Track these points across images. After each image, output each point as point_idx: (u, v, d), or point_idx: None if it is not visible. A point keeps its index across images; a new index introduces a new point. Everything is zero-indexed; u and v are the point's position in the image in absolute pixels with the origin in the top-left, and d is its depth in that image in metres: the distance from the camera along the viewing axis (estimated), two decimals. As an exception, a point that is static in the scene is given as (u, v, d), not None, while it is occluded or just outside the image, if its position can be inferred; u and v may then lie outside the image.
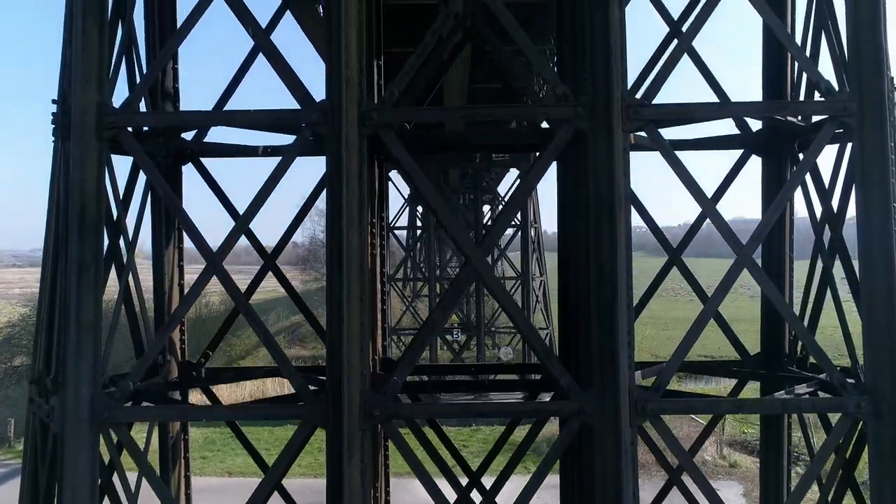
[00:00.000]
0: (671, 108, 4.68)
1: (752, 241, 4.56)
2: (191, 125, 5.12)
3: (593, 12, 4.59)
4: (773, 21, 4.77)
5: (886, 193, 4.56)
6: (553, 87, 4.71)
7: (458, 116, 4.69)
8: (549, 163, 4.69)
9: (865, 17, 4.61)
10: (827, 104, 4.62)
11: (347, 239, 4.51)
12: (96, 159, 4.64)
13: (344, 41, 4.58)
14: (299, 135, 4.73)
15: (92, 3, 4.66)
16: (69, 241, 4.54)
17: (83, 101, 4.63)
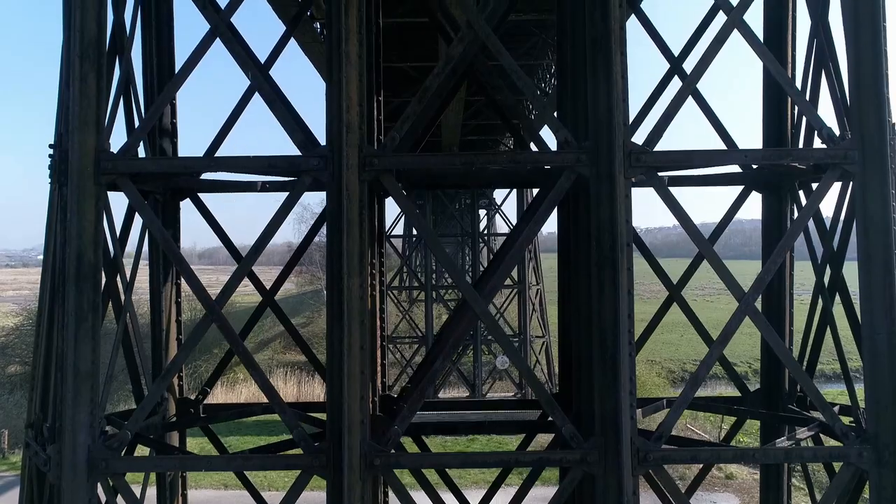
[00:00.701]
0: (673, 155, 4.66)
1: (753, 290, 4.55)
2: (189, 171, 5.08)
3: (595, 58, 4.57)
4: (774, 66, 4.76)
5: (888, 242, 4.55)
6: (555, 131, 4.69)
7: (459, 163, 4.64)
8: (551, 211, 4.67)
9: (867, 64, 4.60)
10: (829, 151, 4.61)
11: (348, 287, 4.48)
12: (94, 206, 4.59)
13: (345, 85, 4.55)
14: (299, 180, 4.69)
15: (89, 47, 4.62)
16: (66, 290, 4.49)
17: (81, 147, 4.58)
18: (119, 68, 5.28)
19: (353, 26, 4.60)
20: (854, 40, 4.67)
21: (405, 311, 28.39)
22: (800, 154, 4.77)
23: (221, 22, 4.73)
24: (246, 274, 4.95)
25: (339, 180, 4.53)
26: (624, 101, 4.59)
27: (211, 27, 4.72)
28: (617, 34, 4.56)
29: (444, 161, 5.04)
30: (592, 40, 4.59)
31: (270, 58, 5.97)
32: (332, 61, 4.58)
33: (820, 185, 4.63)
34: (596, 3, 4.58)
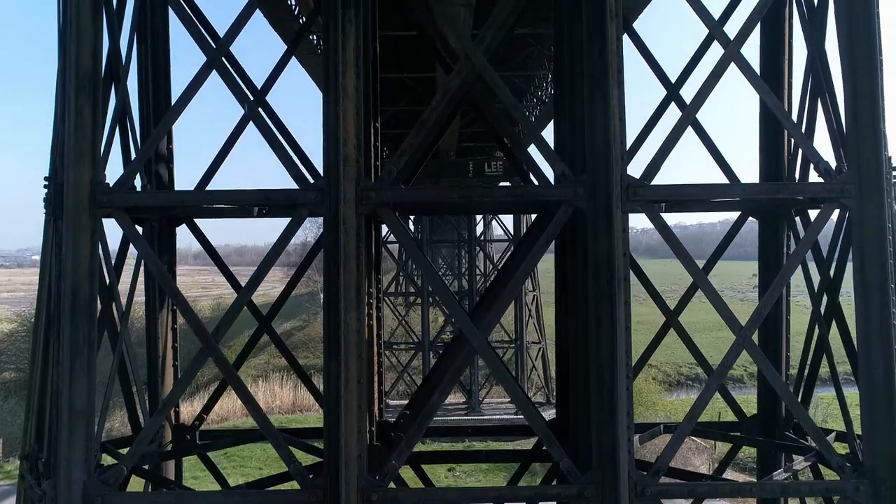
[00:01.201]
0: (671, 189, 4.67)
1: (751, 324, 4.55)
2: (185, 205, 5.06)
3: (593, 92, 4.57)
4: (770, 99, 4.77)
5: (885, 276, 4.56)
6: (552, 164, 4.69)
7: (457, 197, 4.63)
8: (549, 244, 4.67)
9: (864, 98, 4.61)
10: (826, 186, 4.62)
11: (345, 321, 4.46)
12: (89, 239, 4.56)
13: (342, 119, 4.54)
14: (296, 213, 4.68)
15: (85, 79, 4.59)
16: (61, 324, 4.46)
17: (76, 180, 4.55)
18: (115, 95, 5.26)
19: (351, 59, 4.59)
20: (851, 74, 4.68)
21: (401, 317, 28.36)
22: (797, 189, 4.78)
23: (218, 54, 4.72)
24: (245, 304, 4.93)
25: (336, 214, 4.51)
26: (621, 135, 4.59)
27: (208, 59, 4.70)
28: (614, 69, 4.56)
29: (441, 195, 5.03)
30: (590, 75, 4.59)
31: (269, 81, 5.94)
32: (329, 94, 4.57)
33: (817, 218, 4.64)
34: (594, 38, 4.58)
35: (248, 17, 4.91)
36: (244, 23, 4.91)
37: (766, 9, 4.82)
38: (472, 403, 25.37)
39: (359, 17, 4.65)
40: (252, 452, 23.35)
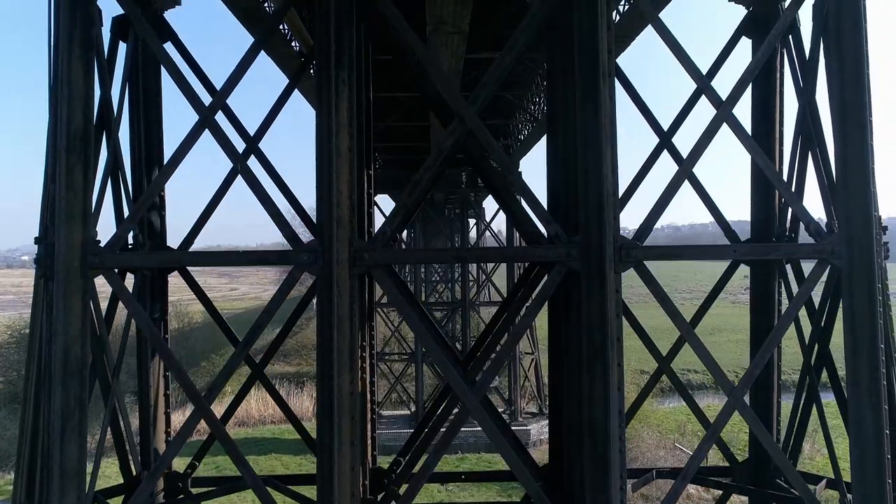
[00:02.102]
0: (664, 250, 4.69)
1: (742, 385, 4.58)
2: (178, 265, 5.04)
3: (586, 151, 4.58)
4: (762, 160, 4.79)
5: (874, 335, 4.59)
6: (545, 225, 4.70)
7: (451, 256, 4.63)
8: (542, 304, 4.68)
9: (855, 160, 4.64)
10: (816, 247, 4.66)
11: (339, 385, 4.46)
12: (80, 300, 4.54)
13: (335, 180, 4.53)
14: (289, 274, 4.67)
15: (76, 139, 4.57)
16: (53, 388, 4.43)
17: (67, 241, 4.53)
18: (106, 146, 5.24)
19: (344, 120, 4.58)
20: (841, 134, 4.71)
21: (395, 329, 28.32)
22: (787, 250, 4.81)
23: (210, 112, 4.70)
24: (242, 359, 4.91)
25: (329, 275, 4.51)
26: (614, 195, 4.61)
27: (200, 119, 4.68)
28: (607, 130, 4.58)
29: (435, 255, 5.03)
30: (583, 135, 4.60)
31: (263, 125, 5.93)
32: (322, 155, 4.56)
33: (808, 278, 4.67)
34: (587, 98, 4.59)
35: (246, 69, 4.90)
36: (241, 76, 4.90)
37: (757, 70, 4.86)
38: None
39: (352, 77, 4.65)
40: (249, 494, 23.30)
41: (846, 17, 4.71)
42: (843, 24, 4.71)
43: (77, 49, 4.66)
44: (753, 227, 6.00)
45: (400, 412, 27.93)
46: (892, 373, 4.74)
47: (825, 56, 4.96)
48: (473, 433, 23.94)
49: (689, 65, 4.84)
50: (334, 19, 4.59)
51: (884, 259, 4.72)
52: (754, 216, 5.90)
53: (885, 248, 4.74)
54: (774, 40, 4.96)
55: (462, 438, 23.93)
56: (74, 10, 4.65)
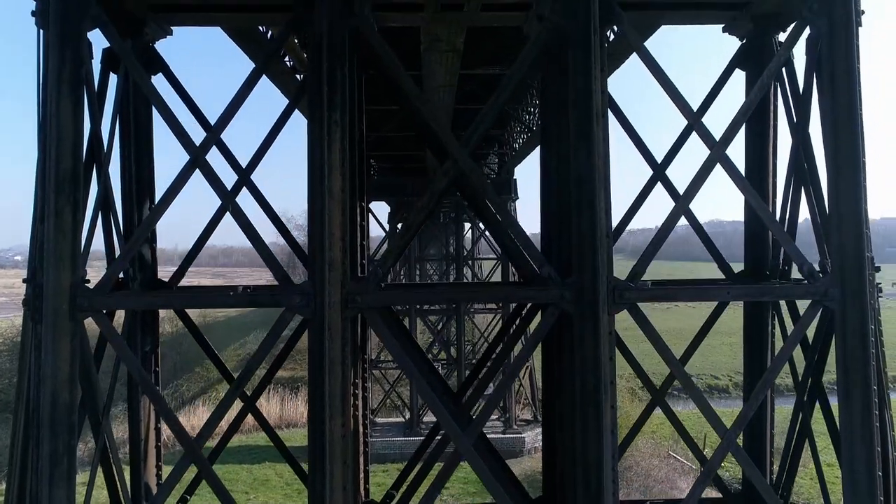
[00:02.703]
0: (658, 291, 4.68)
1: (735, 427, 4.58)
2: (168, 307, 4.99)
3: (580, 196, 4.56)
4: (756, 201, 4.79)
5: (867, 377, 4.59)
6: (538, 267, 4.68)
7: (444, 298, 4.61)
8: (535, 346, 4.66)
9: (848, 201, 4.64)
10: (809, 288, 4.66)
11: (331, 429, 4.43)
12: (69, 344, 4.49)
13: (327, 222, 4.50)
14: (281, 316, 4.63)
15: (65, 181, 4.52)
16: (41, 434, 4.38)
17: (56, 284, 4.48)
18: (97, 180, 5.19)
19: (336, 161, 4.55)
20: (835, 176, 4.71)
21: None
22: (781, 292, 4.81)
23: (201, 152, 4.66)
24: (235, 398, 4.87)
25: (321, 318, 4.48)
26: (608, 237, 4.59)
27: (191, 159, 4.64)
28: (601, 171, 4.56)
29: (428, 296, 5.00)
30: (577, 176, 4.59)
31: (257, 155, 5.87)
32: (315, 196, 4.53)
33: (801, 321, 4.67)
34: (580, 140, 4.57)
35: (239, 104, 4.86)
36: (234, 112, 4.86)
37: (750, 111, 4.85)
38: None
39: (344, 117, 4.62)
40: (238, 475, 23.21)
41: (839, 58, 4.72)
42: (836, 66, 4.72)
43: (66, 88, 4.61)
44: (747, 257, 5.99)
45: (394, 419, 27.88)
46: (885, 414, 4.74)
47: (818, 94, 4.96)
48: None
49: (680, 101, 4.83)
50: (327, 59, 4.56)
51: (877, 300, 4.72)
52: (748, 249, 5.90)
53: (877, 289, 4.74)
54: (768, 80, 4.96)
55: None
56: (64, 48, 4.60)
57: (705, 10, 5.74)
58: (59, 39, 4.58)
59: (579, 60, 4.62)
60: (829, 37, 4.75)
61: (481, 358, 5.98)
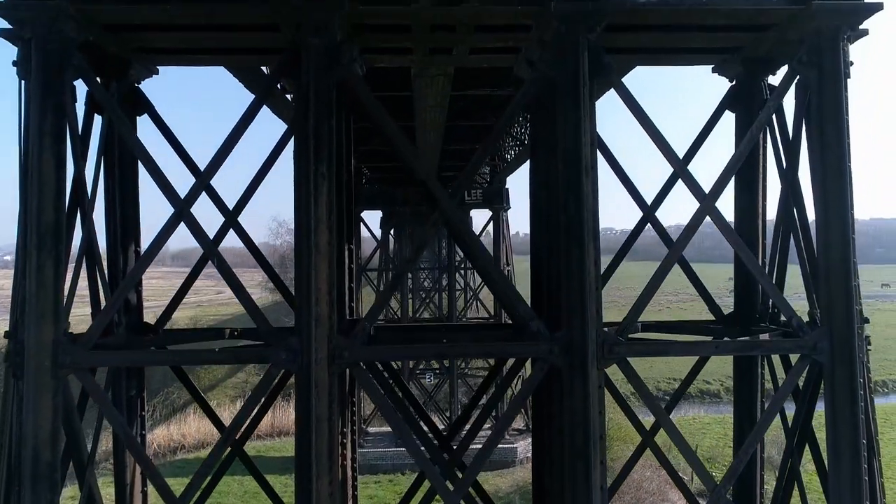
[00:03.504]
0: (647, 347, 4.65)
1: (725, 481, 4.57)
2: (153, 363, 4.93)
3: (570, 247, 4.53)
4: (745, 254, 4.78)
5: (856, 432, 4.59)
6: (528, 321, 4.65)
7: (432, 354, 4.57)
8: (524, 401, 4.62)
9: (836, 255, 4.63)
10: (798, 342, 4.65)
11: (317, 489, 4.38)
12: (51, 401, 4.42)
13: (314, 278, 4.45)
14: (268, 372, 4.58)
15: (47, 235, 4.46)
16: (22, 493, 4.31)
17: (38, 340, 4.41)
18: (81, 226, 5.11)
19: (323, 215, 4.51)
20: (824, 229, 4.70)
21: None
22: (771, 346, 4.80)
23: (186, 206, 4.60)
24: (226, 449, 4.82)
25: (307, 374, 4.43)
26: (597, 290, 4.57)
27: (176, 211, 4.58)
28: (590, 224, 4.54)
29: (417, 352, 4.96)
30: (566, 230, 4.56)
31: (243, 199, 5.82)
32: (301, 252, 4.48)
33: (788, 377, 4.66)
34: (569, 193, 4.55)
35: (228, 151, 4.80)
36: (222, 160, 4.81)
37: (739, 163, 4.84)
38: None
39: (331, 168, 4.57)
40: (229, 487, 23.05)
41: (828, 111, 4.71)
42: (825, 118, 4.72)
43: (48, 140, 4.54)
44: (737, 298, 5.97)
45: (386, 429, 27.76)
46: (875, 467, 4.73)
47: (808, 143, 4.95)
48: (460, 451, 23.86)
49: (667, 150, 4.81)
50: (313, 112, 4.51)
51: (865, 353, 4.71)
52: (737, 290, 5.88)
53: (866, 342, 4.73)
54: (757, 132, 4.95)
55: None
56: (45, 100, 4.52)
57: (695, 53, 5.73)
58: (40, 91, 4.50)
59: (569, 112, 4.59)
60: (819, 88, 4.74)
61: (473, 396, 5.94)
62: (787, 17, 4.71)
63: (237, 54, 5.66)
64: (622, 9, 4.60)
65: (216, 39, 5.21)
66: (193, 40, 5.24)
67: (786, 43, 5.06)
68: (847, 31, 4.67)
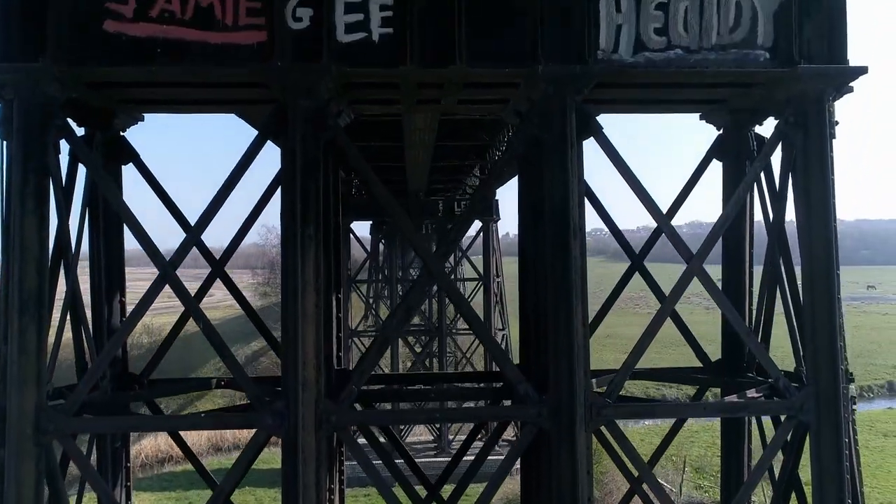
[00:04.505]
0: (635, 408, 4.67)
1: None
2: (142, 429, 4.88)
3: (558, 312, 4.53)
4: (732, 315, 4.81)
5: (842, 495, 4.62)
6: (516, 384, 4.64)
7: (422, 418, 4.56)
8: (513, 463, 4.63)
9: (822, 318, 4.67)
10: (785, 404, 4.68)
11: (304, 547, 4.35)
12: (34, 468, 4.36)
13: (300, 342, 4.42)
14: (254, 437, 4.54)
15: (29, 300, 4.39)
16: (3, 565, 4.25)
17: (20, 407, 4.35)
18: (65, 279, 5.06)
19: (310, 277, 4.48)
20: (810, 290, 4.74)
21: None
22: (757, 408, 4.83)
23: (172, 268, 4.55)
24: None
25: (294, 439, 4.40)
26: (585, 349, 4.57)
27: (160, 275, 4.54)
28: (578, 286, 4.54)
29: (407, 416, 4.95)
30: (554, 290, 4.56)
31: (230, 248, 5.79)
32: (288, 316, 4.45)
33: (775, 437, 4.69)
34: (557, 255, 4.54)
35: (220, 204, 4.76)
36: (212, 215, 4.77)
37: (728, 223, 4.86)
38: (442, 444, 25.26)
39: (318, 232, 4.54)
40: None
41: (814, 171, 4.75)
42: (811, 179, 4.75)
43: (31, 202, 4.47)
44: (724, 347, 6.00)
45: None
46: (860, 527, 4.77)
47: (794, 201, 4.98)
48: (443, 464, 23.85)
49: (652, 208, 4.82)
50: (300, 174, 4.48)
51: (850, 413, 4.75)
52: (725, 338, 5.91)
53: (851, 402, 4.77)
54: (744, 193, 4.99)
55: (437, 469, 23.86)
56: (28, 162, 4.46)
57: (682, 104, 5.76)
58: (23, 153, 4.44)
59: (556, 173, 4.59)
60: (804, 149, 4.77)
61: (462, 446, 5.92)
62: (773, 79, 4.74)
63: (224, 104, 5.62)
64: (610, 70, 4.60)
65: (203, 93, 5.17)
66: (180, 93, 5.20)
67: (772, 99, 5.10)
68: (832, 94, 4.70)
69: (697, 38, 4.64)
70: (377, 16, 4.49)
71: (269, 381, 5.70)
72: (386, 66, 4.48)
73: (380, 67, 4.50)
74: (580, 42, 4.54)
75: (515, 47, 4.55)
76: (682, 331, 5.84)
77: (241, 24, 4.47)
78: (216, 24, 4.45)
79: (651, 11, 4.61)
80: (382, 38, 4.47)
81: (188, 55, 4.44)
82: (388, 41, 4.47)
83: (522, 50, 4.54)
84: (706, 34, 4.64)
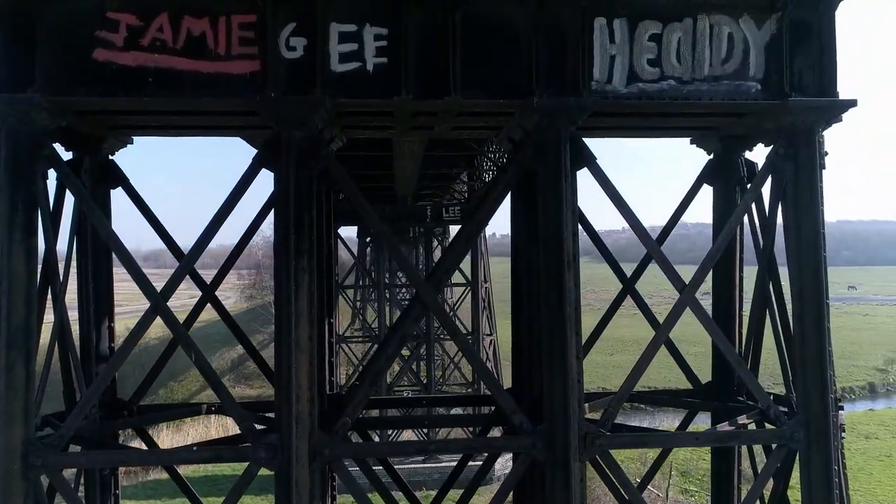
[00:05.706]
0: (629, 438, 4.69)
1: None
2: (130, 463, 4.82)
3: (552, 342, 4.53)
4: (724, 345, 4.85)
5: (831, 520, 4.68)
6: (510, 414, 4.64)
7: (413, 451, 4.56)
8: (506, 496, 4.62)
9: (812, 346, 4.72)
10: (776, 432, 4.72)
11: (297, 586, 4.32)
12: (21, 503, 4.29)
13: (294, 372, 4.39)
14: (247, 470, 4.51)
15: (17, 332, 4.32)
16: None
17: (7, 443, 4.28)
18: (52, 306, 4.99)
19: (304, 308, 4.45)
20: (800, 319, 4.78)
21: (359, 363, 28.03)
22: (749, 437, 4.88)
23: (162, 300, 4.50)
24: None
25: (287, 472, 4.36)
26: (579, 383, 4.58)
27: (151, 306, 4.49)
28: (572, 319, 4.55)
29: (399, 449, 4.93)
30: (548, 322, 4.56)
31: (220, 274, 5.75)
32: (281, 346, 4.42)
33: (766, 465, 4.73)
34: (551, 286, 4.55)
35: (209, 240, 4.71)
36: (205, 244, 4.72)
37: (718, 254, 4.90)
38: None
39: (312, 262, 4.51)
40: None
41: (804, 202, 4.80)
42: (801, 210, 4.80)
43: (19, 233, 4.40)
44: (714, 370, 6.05)
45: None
46: (848, 553, 4.83)
47: (784, 230, 5.02)
48: (438, 469, 23.87)
49: (643, 237, 4.84)
50: (294, 205, 4.45)
51: (840, 441, 4.80)
52: (715, 362, 5.96)
53: (841, 430, 4.83)
54: (735, 223, 5.02)
55: (426, 475, 23.83)
56: (16, 193, 4.39)
57: (673, 129, 5.80)
58: (10, 184, 4.37)
59: (549, 205, 4.59)
60: (795, 180, 4.82)
61: (454, 470, 5.92)
62: (764, 110, 4.78)
63: (217, 129, 5.58)
64: (604, 101, 4.62)
65: (194, 120, 5.12)
66: (171, 120, 5.15)
67: (762, 128, 5.14)
68: (822, 126, 4.76)
69: (690, 69, 4.67)
70: (371, 45, 4.47)
71: (260, 406, 5.68)
72: (380, 97, 4.46)
73: (374, 98, 4.48)
74: (574, 73, 4.55)
75: (510, 78, 4.55)
76: (675, 356, 5.87)
77: (234, 53, 4.43)
78: (208, 53, 4.41)
79: (644, 42, 4.64)
80: (377, 69, 4.45)
81: (180, 84, 4.39)
82: (382, 71, 4.46)
83: (517, 81, 4.55)
84: (699, 65, 4.67)
